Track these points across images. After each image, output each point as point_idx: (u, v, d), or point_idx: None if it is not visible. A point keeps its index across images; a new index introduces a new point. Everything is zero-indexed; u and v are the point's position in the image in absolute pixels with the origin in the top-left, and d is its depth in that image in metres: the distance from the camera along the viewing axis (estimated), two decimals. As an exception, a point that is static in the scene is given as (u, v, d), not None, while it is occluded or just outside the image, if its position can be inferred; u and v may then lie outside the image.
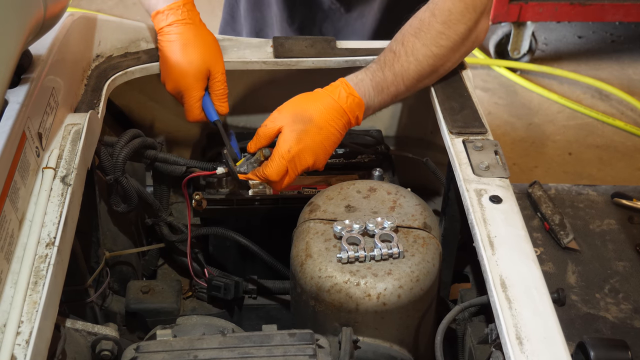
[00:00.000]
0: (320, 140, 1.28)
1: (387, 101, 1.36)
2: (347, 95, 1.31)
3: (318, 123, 1.28)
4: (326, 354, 1.08)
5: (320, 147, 1.29)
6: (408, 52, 1.34)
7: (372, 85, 1.33)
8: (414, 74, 1.35)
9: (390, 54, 1.35)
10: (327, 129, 1.29)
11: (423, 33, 1.34)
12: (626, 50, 3.84)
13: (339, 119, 1.30)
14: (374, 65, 1.35)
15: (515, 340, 0.95)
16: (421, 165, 1.54)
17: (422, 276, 1.17)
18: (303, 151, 1.27)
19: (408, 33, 1.35)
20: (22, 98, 1.13)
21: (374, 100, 1.34)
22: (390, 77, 1.34)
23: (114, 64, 1.46)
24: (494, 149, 1.26)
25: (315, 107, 1.29)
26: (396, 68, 1.34)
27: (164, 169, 1.44)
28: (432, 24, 1.33)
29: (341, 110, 1.30)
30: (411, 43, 1.34)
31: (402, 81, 1.34)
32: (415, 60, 1.34)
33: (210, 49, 1.43)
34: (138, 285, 1.49)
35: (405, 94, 1.38)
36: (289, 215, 1.35)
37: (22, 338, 0.91)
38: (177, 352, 1.05)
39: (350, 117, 1.31)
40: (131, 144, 1.36)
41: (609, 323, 1.41)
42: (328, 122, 1.29)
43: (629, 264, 1.53)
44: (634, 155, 3.16)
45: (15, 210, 1.03)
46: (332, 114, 1.29)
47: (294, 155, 1.27)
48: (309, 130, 1.28)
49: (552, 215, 1.61)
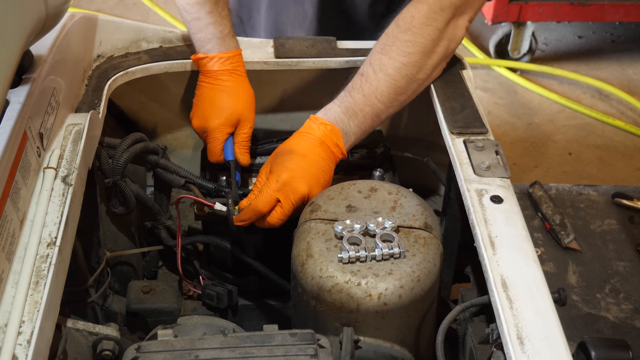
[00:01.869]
0: (306, 166, 1.26)
1: (368, 123, 1.34)
2: (319, 125, 1.30)
3: (300, 151, 1.27)
4: (327, 353, 1.08)
5: (311, 176, 1.26)
6: (376, 70, 1.32)
7: (341, 110, 1.31)
8: (388, 89, 1.32)
9: (358, 78, 1.34)
10: (311, 156, 1.27)
11: (388, 47, 1.32)
12: (626, 50, 3.84)
13: (319, 147, 1.28)
14: (342, 93, 1.34)
15: (516, 340, 0.95)
16: (422, 166, 1.54)
17: (423, 276, 1.17)
18: (293, 178, 1.25)
19: (375, 51, 1.34)
20: (23, 98, 1.13)
21: (348, 124, 1.32)
22: (360, 99, 1.32)
23: (114, 64, 1.46)
24: (494, 149, 1.26)
25: (293, 142, 1.29)
26: (365, 89, 1.32)
27: (163, 177, 1.45)
28: (396, 35, 1.32)
29: (318, 139, 1.29)
30: (378, 60, 1.33)
31: (376, 100, 1.32)
32: (385, 76, 1.32)
33: (246, 102, 1.46)
34: (139, 285, 1.49)
35: (389, 111, 1.35)
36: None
37: (23, 338, 0.91)
38: (178, 352, 1.05)
39: (330, 145, 1.29)
40: (132, 149, 1.35)
41: (609, 323, 1.41)
42: (309, 150, 1.28)
43: (629, 264, 1.53)
44: (634, 155, 3.16)
45: (17, 210, 1.03)
46: (310, 144, 1.28)
47: (284, 183, 1.25)
48: (293, 158, 1.26)
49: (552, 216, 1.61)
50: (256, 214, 1.26)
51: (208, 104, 1.44)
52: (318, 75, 1.53)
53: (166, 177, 1.44)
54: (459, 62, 1.49)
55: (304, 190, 1.26)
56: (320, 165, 1.28)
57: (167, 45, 1.53)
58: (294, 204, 1.26)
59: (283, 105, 1.66)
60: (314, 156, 1.27)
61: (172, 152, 1.73)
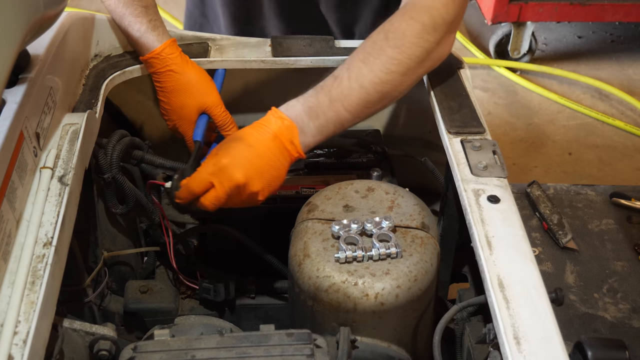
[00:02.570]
0: (250, 157, 1.21)
1: (329, 128, 1.27)
2: (276, 119, 1.25)
3: (248, 141, 1.23)
4: (324, 353, 1.08)
5: (252, 166, 1.21)
6: (352, 77, 1.26)
7: (303, 109, 1.26)
8: (358, 101, 1.26)
9: (330, 79, 1.28)
10: (259, 148, 1.22)
11: (372, 58, 1.25)
12: (626, 50, 3.84)
13: (271, 141, 1.23)
14: (309, 92, 1.29)
15: (513, 340, 0.95)
16: (419, 165, 1.54)
17: (420, 276, 1.17)
18: (231, 165, 1.20)
19: (357, 58, 1.27)
20: (19, 98, 1.12)
21: (308, 124, 1.25)
22: (325, 102, 1.25)
23: (112, 63, 1.46)
24: (492, 149, 1.26)
25: (246, 131, 1.25)
26: (333, 93, 1.26)
27: (149, 172, 1.45)
28: (383, 48, 1.25)
29: (272, 134, 1.23)
30: (357, 68, 1.26)
31: (342, 107, 1.26)
32: (359, 87, 1.25)
33: (197, 90, 1.43)
34: (136, 285, 1.49)
35: (355, 120, 1.29)
36: (287, 215, 1.35)
37: (19, 338, 0.91)
38: (174, 352, 1.05)
39: (284, 140, 1.24)
40: (122, 142, 1.36)
41: (607, 323, 1.40)
42: (259, 141, 1.23)
43: (627, 263, 1.53)
44: (634, 155, 3.15)
45: (13, 210, 1.03)
46: (263, 136, 1.23)
47: (221, 167, 1.20)
48: (238, 146, 1.22)
49: (550, 215, 1.61)
50: (190, 193, 1.23)
51: (167, 108, 1.45)
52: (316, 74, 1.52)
53: (152, 173, 1.45)
54: (456, 61, 1.49)
55: (239, 179, 1.20)
56: (267, 159, 1.23)
57: (165, 45, 1.52)
58: (228, 191, 1.21)
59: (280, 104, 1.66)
60: (263, 148, 1.22)
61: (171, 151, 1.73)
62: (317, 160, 1.56)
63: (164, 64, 1.41)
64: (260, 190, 1.23)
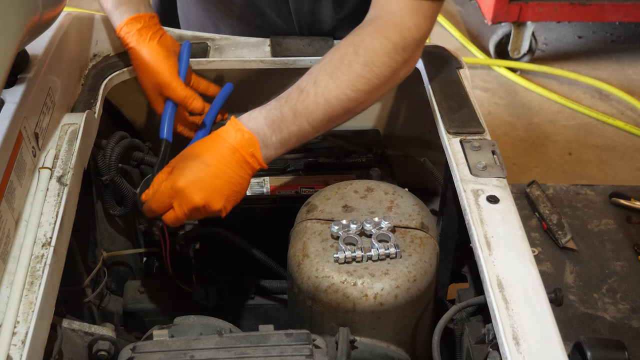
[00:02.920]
0: (207, 177, 1.18)
1: (291, 141, 1.24)
2: (236, 131, 1.20)
3: (205, 160, 1.19)
4: (323, 354, 1.08)
5: (210, 187, 1.18)
6: (318, 92, 1.22)
7: (265, 122, 1.22)
8: (322, 116, 1.23)
9: (295, 92, 1.24)
10: (216, 166, 1.18)
11: (340, 73, 1.22)
12: (626, 50, 3.84)
13: (230, 155, 1.19)
14: (272, 103, 1.25)
15: (512, 340, 0.95)
16: (419, 165, 1.54)
17: (419, 276, 1.16)
18: (188, 187, 1.17)
19: (324, 71, 1.23)
20: (18, 98, 1.12)
21: (270, 138, 1.22)
22: (289, 116, 1.22)
23: (111, 63, 1.46)
24: (491, 149, 1.26)
25: (203, 146, 1.21)
26: (299, 107, 1.22)
27: (148, 173, 1.45)
28: (352, 64, 1.22)
29: (231, 147, 1.19)
30: (324, 83, 1.22)
31: (306, 121, 1.22)
32: (325, 102, 1.22)
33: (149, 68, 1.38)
34: (135, 285, 1.49)
35: (315, 134, 1.26)
36: (287, 215, 1.34)
37: (18, 338, 0.91)
38: (173, 352, 1.05)
39: (244, 154, 1.19)
40: (121, 144, 1.36)
41: (606, 323, 1.41)
42: (217, 159, 1.19)
43: (626, 263, 1.53)
44: (634, 155, 3.15)
45: (12, 210, 1.03)
46: (221, 151, 1.19)
47: (177, 190, 1.17)
48: (194, 166, 1.18)
49: (550, 215, 1.61)
50: (151, 212, 1.22)
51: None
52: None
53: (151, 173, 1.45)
54: (456, 61, 1.49)
55: (197, 201, 1.17)
56: (225, 177, 1.19)
57: (164, 45, 1.52)
58: (187, 212, 1.19)
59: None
60: (220, 166, 1.19)
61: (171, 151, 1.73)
62: (317, 160, 1.56)
63: (124, 42, 1.39)
64: (222, 208, 1.20)
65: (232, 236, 1.43)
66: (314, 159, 1.56)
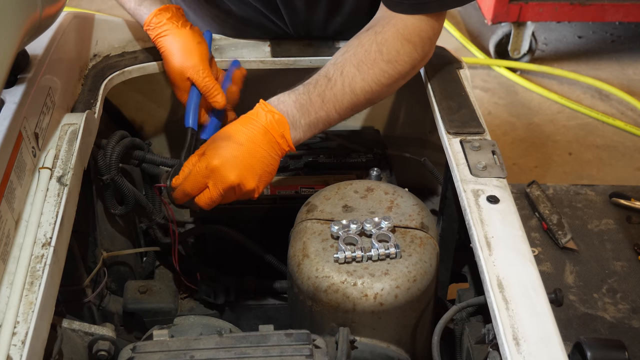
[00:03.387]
0: (241, 156, 1.21)
1: (318, 125, 1.30)
2: (266, 112, 1.25)
3: (238, 139, 1.22)
4: (323, 354, 1.08)
5: (244, 165, 1.21)
6: (345, 82, 1.29)
7: (294, 106, 1.27)
8: (348, 104, 1.31)
9: (323, 80, 1.30)
10: (250, 145, 1.22)
11: (366, 67, 1.30)
12: (626, 50, 3.84)
13: (262, 136, 1.23)
14: (300, 88, 1.30)
15: (512, 340, 0.95)
16: (419, 165, 1.54)
17: (419, 276, 1.16)
18: (223, 166, 1.20)
19: (350, 63, 1.30)
20: (18, 98, 1.12)
21: (299, 120, 1.27)
22: (317, 102, 1.28)
23: (111, 63, 1.46)
24: (491, 149, 1.26)
25: (234, 128, 1.25)
26: (327, 94, 1.28)
27: (151, 172, 1.45)
28: (377, 61, 1.30)
29: (262, 128, 1.24)
30: (351, 74, 1.29)
31: (333, 108, 1.29)
32: (351, 92, 1.30)
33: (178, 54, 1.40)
34: (135, 285, 1.49)
35: (340, 120, 1.33)
36: (287, 215, 1.34)
37: (18, 338, 0.91)
38: (173, 352, 1.05)
39: (275, 134, 1.24)
40: (121, 143, 1.36)
41: (606, 323, 1.41)
42: (249, 138, 1.23)
43: (627, 263, 1.53)
44: (634, 155, 3.15)
45: (12, 211, 1.03)
46: (252, 131, 1.23)
47: (213, 169, 1.20)
48: (228, 145, 1.22)
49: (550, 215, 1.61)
50: (184, 194, 1.24)
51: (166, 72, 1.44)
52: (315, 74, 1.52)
53: (154, 172, 1.45)
54: (456, 62, 1.49)
55: (232, 180, 1.20)
56: (258, 156, 1.23)
57: (164, 45, 1.52)
58: (222, 192, 1.21)
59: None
60: (253, 145, 1.22)
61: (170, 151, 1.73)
62: (317, 160, 1.56)
63: (154, 33, 1.41)
64: (255, 187, 1.24)
65: (234, 233, 1.43)
66: (314, 159, 1.56)
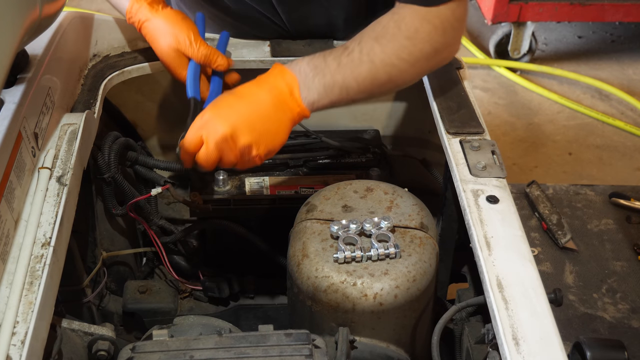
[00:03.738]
0: (238, 107, 1.16)
1: (335, 90, 1.22)
2: (276, 71, 1.21)
3: (240, 93, 1.18)
4: (322, 354, 1.08)
5: (238, 116, 1.16)
6: (363, 51, 1.23)
7: (307, 65, 1.22)
8: (366, 74, 1.23)
9: (340, 48, 1.25)
10: (251, 99, 1.17)
11: (385, 41, 1.23)
12: (626, 50, 3.84)
13: (267, 92, 1.18)
14: (316, 54, 1.25)
15: (512, 340, 0.95)
16: (418, 165, 1.54)
17: (418, 276, 1.16)
18: (216, 115, 1.16)
19: (369, 36, 1.25)
20: (18, 98, 1.12)
21: (312, 80, 1.20)
22: (333, 65, 1.22)
23: (110, 63, 1.46)
24: (491, 149, 1.26)
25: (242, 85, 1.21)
26: (343, 60, 1.22)
27: (145, 175, 1.45)
28: (396, 36, 1.24)
29: (269, 84, 1.19)
30: (369, 45, 1.23)
31: (350, 74, 1.22)
32: (369, 62, 1.23)
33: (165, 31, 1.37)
34: (135, 285, 1.49)
35: (359, 94, 1.26)
36: (286, 215, 1.34)
37: (17, 338, 0.91)
38: (173, 352, 1.05)
39: (282, 91, 1.18)
40: (117, 142, 1.36)
41: (606, 323, 1.40)
42: (253, 93, 1.17)
43: (626, 263, 1.53)
44: (634, 155, 3.15)
45: (11, 211, 1.03)
46: (257, 87, 1.19)
47: (206, 120, 1.16)
48: (227, 98, 1.18)
49: (549, 215, 1.61)
50: (186, 153, 1.20)
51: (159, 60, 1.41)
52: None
53: (148, 176, 1.45)
54: (455, 61, 1.49)
55: (224, 130, 1.15)
56: (258, 110, 1.17)
57: (164, 45, 1.52)
58: (216, 144, 1.16)
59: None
60: (255, 99, 1.17)
61: (169, 151, 1.73)
62: (317, 160, 1.56)
63: (136, 19, 1.39)
64: (251, 143, 1.18)
65: (235, 226, 1.42)
66: (314, 159, 1.56)
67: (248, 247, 1.47)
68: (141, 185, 1.51)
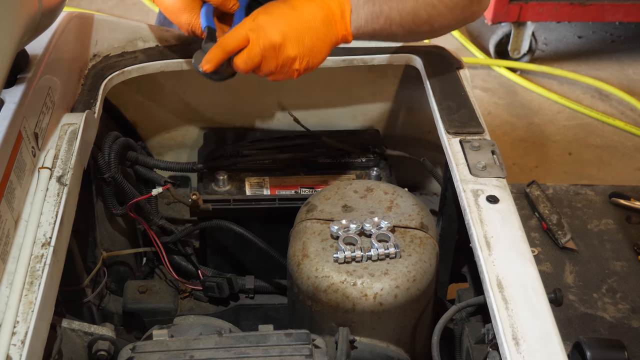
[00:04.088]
0: (291, 19, 1.17)
1: (379, 20, 1.25)
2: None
3: (293, 5, 1.18)
4: (322, 354, 1.08)
5: (291, 28, 1.16)
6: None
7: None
8: (409, 9, 1.26)
9: None
10: (303, 13, 1.17)
11: None
12: (626, 50, 3.84)
13: (319, 9, 1.19)
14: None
15: (512, 340, 0.95)
16: (418, 165, 1.54)
17: (418, 276, 1.17)
18: (269, 23, 1.15)
19: None
20: (18, 98, 1.12)
21: (363, 7, 1.23)
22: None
23: (110, 63, 1.46)
24: (491, 149, 1.26)
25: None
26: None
27: (145, 175, 1.45)
28: None
29: (322, 1, 1.20)
30: None
31: (396, 6, 1.25)
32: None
33: None
34: (135, 285, 1.49)
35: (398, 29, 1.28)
36: (286, 215, 1.35)
37: (17, 338, 0.91)
38: (173, 352, 1.05)
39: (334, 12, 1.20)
40: (117, 142, 1.36)
41: (606, 323, 1.41)
42: (305, 8, 1.18)
43: (626, 263, 1.53)
44: (634, 155, 3.15)
45: (11, 210, 1.03)
46: (311, 3, 1.19)
47: (259, 24, 1.15)
48: (281, 7, 1.18)
49: (549, 215, 1.61)
50: (223, 51, 1.17)
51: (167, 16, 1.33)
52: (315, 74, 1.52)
53: (148, 176, 1.45)
54: (455, 61, 1.49)
55: (276, 39, 1.15)
56: (309, 25, 1.18)
57: (164, 44, 1.53)
58: (262, 49, 1.16)
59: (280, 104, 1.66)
60: (308, 14, 1.18)
61: (169, 151, 1.73)
62: (317, 160, 1.56)
63: None
64: (297, 56, 1.18)
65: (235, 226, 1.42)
66: (314, 159, 1.56)
67: (248, 247, 1.47)
68: (141, 185, 1.51)
